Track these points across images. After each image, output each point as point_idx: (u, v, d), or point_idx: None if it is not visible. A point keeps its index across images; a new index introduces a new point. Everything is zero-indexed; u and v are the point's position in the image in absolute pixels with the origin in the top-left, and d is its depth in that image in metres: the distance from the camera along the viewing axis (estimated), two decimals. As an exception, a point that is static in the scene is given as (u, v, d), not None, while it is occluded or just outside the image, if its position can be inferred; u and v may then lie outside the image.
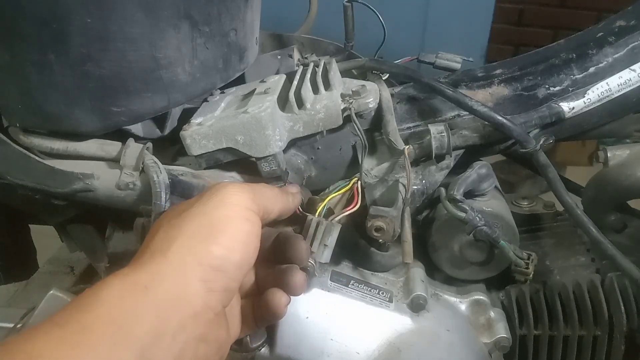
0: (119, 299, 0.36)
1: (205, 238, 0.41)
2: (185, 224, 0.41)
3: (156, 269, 0.39)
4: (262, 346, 0.55)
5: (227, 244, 0.41)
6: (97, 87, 0.51)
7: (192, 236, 0.40)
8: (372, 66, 0.66)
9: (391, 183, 0.58)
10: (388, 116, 0.60)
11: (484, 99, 0.63)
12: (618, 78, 0.60)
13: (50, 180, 0.55)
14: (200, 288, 0.39)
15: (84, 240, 0.71)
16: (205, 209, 0.42)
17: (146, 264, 0.39)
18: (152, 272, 0.38)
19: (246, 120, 0.52)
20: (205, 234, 0.41)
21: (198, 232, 0.41)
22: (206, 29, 0.54)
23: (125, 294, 0.36)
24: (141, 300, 0.37)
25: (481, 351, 0.60)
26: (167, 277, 0.38)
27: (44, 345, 0.33)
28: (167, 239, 0.41)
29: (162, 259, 0.39)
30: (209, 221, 0.42)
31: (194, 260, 0.40)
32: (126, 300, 0.36)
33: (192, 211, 0.42)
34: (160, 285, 0.38)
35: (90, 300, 0.36)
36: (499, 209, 0.59)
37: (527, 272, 0.58)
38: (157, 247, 0.40)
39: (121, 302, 0.36)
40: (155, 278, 0.38)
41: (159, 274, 0.38)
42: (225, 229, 0.41)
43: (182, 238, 0.40)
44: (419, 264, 0.62)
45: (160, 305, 0.37)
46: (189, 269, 0.39)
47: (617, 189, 0.65)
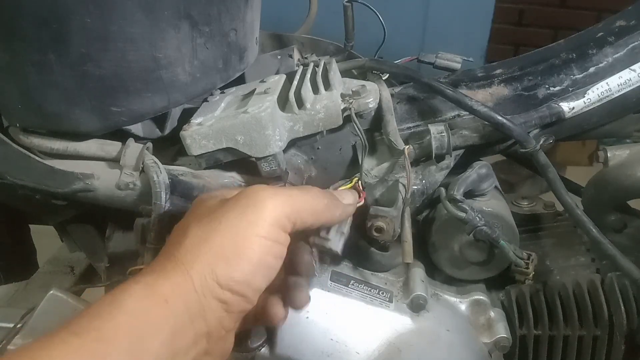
0: (139, 310, 0.35)
1: (230, 261, 0.39)
2: (212, 238, 0.39)
3: (179, 282, 0.38)
4: (262, 346, 0.55)
5: (249, 270, 0.39)
6: (97, 87, 0.51)
7: (217, 256, 0.39)
8: (372, 66, 0.66)
9: (391, 183, 0.58)
10: (388, 116, 0.60)
11: (484, 99, 0.63)
12: (618, 78, 0.60)
13: (50, 180, 0.55)
14: (218, 309, 0.39)
15: (84, 240, 0.71)
16: (235, 225, 0.40)
17: (170, 276, 0.38)
18: (175, 284, 0.38)
19: (246, 120, 0.52)
20: (231, 256, 0.39)
21: (223, 253, 0.39)
22: (206, 29, 0.54)
23: (146, 304, 0.36)
24: (161, 313, 0.36)
25: (481, 351, 0.60)
26: (188, 294, 0.38)
27: (60, 355, 0.32)
28: (194, 251, 0.39)
29: (185, 274, 0.38)
30: (236, 242, 0.39)
31: (216, 283, 0.38)
32: (147, 312, 0.36)
33: (223, 224, 0.40)
34: (181, 301, 0.37)
35: (110, 308, 0.35)
36: (499, 209, 0.59)
37: (527, 272, 0.58)
38: (182, 259, 0.39)
39: (141, 313, 0.35)
40: (177, 292, 0.37)
41: (181, 288, 0.37)
42: (251, 254, 0.39)
43: (208, 256, 0.39)
44: (419, 264, 0.62)
45: (178, 320, 0.37)
46: (210, 289, 0.38)
47: (617, 189, 0.65)
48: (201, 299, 0.38)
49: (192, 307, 0.38)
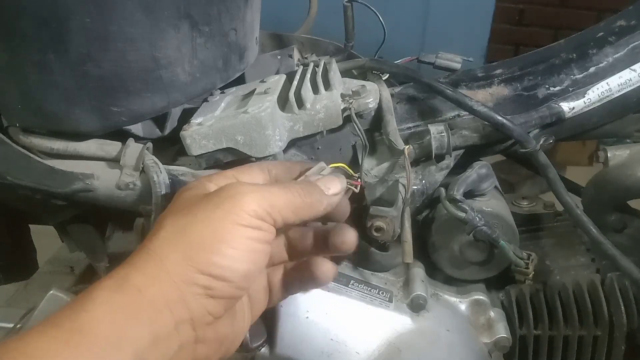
0: (114, 300, 0.36)
1: (209, 247, 0.39)
2: (189, 229, 0.40)
3: (151, 272, 0.38)
4: (262, 346, 0.55)
5: (231, 254, 0.39)
6: (97, 87, 0.51)
7: (194, 244, 0.39)
8: (372, 66, 0.66)
9: (391, 183, 0.58)
10: (388, 116, 0.60)
11: (484, 99, 0.63)
12: (618, 78, 0.60)
13: (50, 180, 0.55)
14: (200, 293, 0.38)
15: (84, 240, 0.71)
16: (212, 215, 0.40)
17: (142, 267, 0.38)
18: (147, 275, 0.38)
19: (246, 120, 0.52)
20: (209, 242, 0.39)
21: (201, 241, 0.39)
22: (206, 29, 0.54)
23: (120, 295, 0.36)
24: (135, 301, 0.36)
25: (481, 351, 0.60)
26: (163, 281, 0.38)
27: (39, 345, 0.33)
28: (169, 243, 0.39)
29: (159, 264, 0.38)
30: (214, 229, 0.40)
31: (194, 268, 0.38)
32: (121, 302, 0.36)
33: (199, 216, 0.40)
34: (155, 289, 0.37)
35: (85, 301, 0.36)
36: (499, 209, 0.59)
37: (527, 272, 0.58)
38: (157, 250, 0.39)
39: (116, 303, 0.36)
40: (150, 281, 0.37)
41: (154, 277, 0.38)
42: (231, 239, 0.40)
43: (184, 244, 0.39)
44: (419, 264, 0.62)
45: (154, 307, 0.37)
46: (189, 276, 0.38)
47: (617, 189, 0.65)
48: (179, 286, 0.38)
49: (169, 294, 0.37)
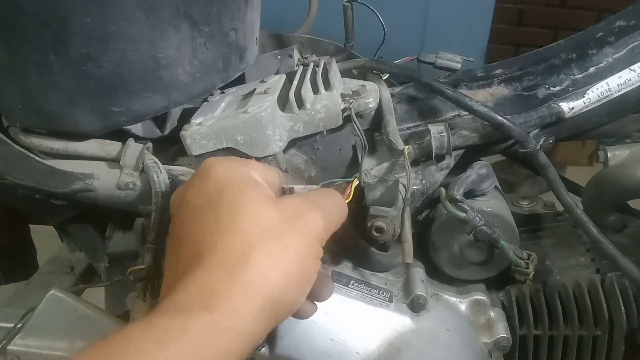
0: (206, 339, 0.33)
1: (294, 280, 0.38)
2: (282, 260, 0.38)
3: (247, 306, 0.36)
4: (262, 346, 0.55)
5: (304, 285, 0.39)
6: (97, 87, 0.51)
7: (284, 276, 0.37)
8: (372, 66, 0.66)
9: (391, 183, 0.58)
10: (388, 116, 0.60)
11: (484, 99, 0.63)
12: (618, 78, 0.60)
13: (50, 180, 0.55)
14: (274, 324, 0.38)
15: (84, 240, 0.71)
16: (298, 246, 0.38)
17: (236, 298, 0.35)
18: (241, 310, 0.35)
19: (246, 120, 0.52)
20: (294, 276, 0.38)
21: (289, 273, 0.37)
22: (206, 29, 0.54)
23: (212, 334, 0.34)
24: (230, 336, 0.34)
25: (481, 351, 0.60)
26: (255, 319, 0.36)
27: None
28: (267, 276, 0.37)
29: (255, 298, 0.36)
30: (299, 261, 0.38)
31: (280, 301, 0.37)
32: (214, 341, 0.34)
33: (287, 244, 0.38)
34: (245, 326, 0.35)
35: (174, 337, 0.33)
36: (499, 209, 0.59)
37: (527, 272, 0.58)
38: (254, 280, 0.36)
39: (209, 343, 0.33)
40: (244, 319, 0.35)
41: (250, 316, 0.36)
42: (307, 271, 0.39)
43: (278, 277, 0.37)
44: (419, 264, 0.62)
45: (242, 344, 0.35)
46: (276, 310, 0.37)
47: (617, 189, 0.65)
48: (266, 320, 0.36)
49: (256, 330, 0.36)
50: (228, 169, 0.42)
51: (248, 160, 0.45)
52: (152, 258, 0.54)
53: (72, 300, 0.60)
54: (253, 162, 0.45)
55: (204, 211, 0.39)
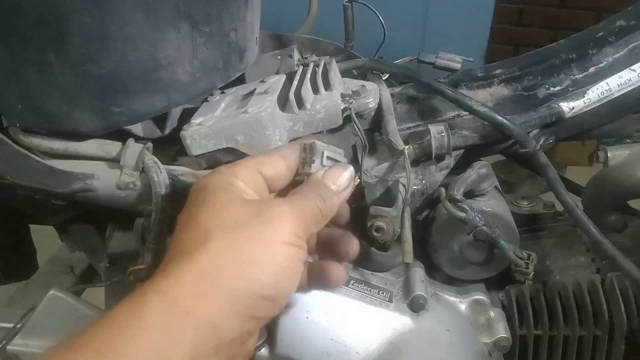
0: (161, 324, 0.35)
1: (260, 267, 0.39)
2: (242, 246, 0.39)
3: (203, 291, 0.37)
4: (262, 346, 0.55)
5: (280, 274, 0.39)
6: (97, 87, 0.51)
7: (248, 263, 0.38)
8: (372, 66, 0.66)
9: (391, 183, 0.58)
10: (388, 116, 0.60)
11: (484, 99, 0.63)
12: (618, 78, 0.60)
13: (50, 180, 0.55)
14: (245, 315, 0.38)
15: (84, 240, 0.71)
16: (263, 234, 0.39)
17: (191, 285, 0.37)
18: (198, 294, 0.36)
19: (246, 120, 0.53)
20: (260, 262, 0.39)
21: (254, 260, 0.39)
22: (206, 29, 0.54)
23: (168, 318, 0.35)
24: (182, 323, 0.35)
25: (481, 351, 0.60)
26: (212, 302, 0.37)
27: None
28: (222, 260, 0.38)
29: (211, 282, 0.37)
30: (266, 249, 0.39)
31: (246, 289, 0.38)
32: (168, 326, 0.35)
33: (250, 232, 0.39)
34: (205, 311, 0.36)
35: (131, 322, 0.34)
36: (499, 209, 0.59)
37: (527, 272, 0.58)
38: (208, 267, 0.38)
39: (163, 327, 0.35)
40: (199, 302, 0.36)
41: (204, 297, 0.37)
42: (282, 259, 0.40)
43: (237, 264, 0.38)
44: (419, 264, 0.62)
45: (200, 329, 0.36)
46: (239, 296, 0.38)
47: (617, 189, 0.65)
48: (227, 307, 0.37)
49: (216, 316, 0.37)
50: (210, 178, 0.44)
51: (235, 166, 0.45)
52: (152, 258, 0.54)
53: (72, 300, 0.61)
54: (241, 166, 0.45)
55: (182, 216, 0.42)
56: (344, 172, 0.47)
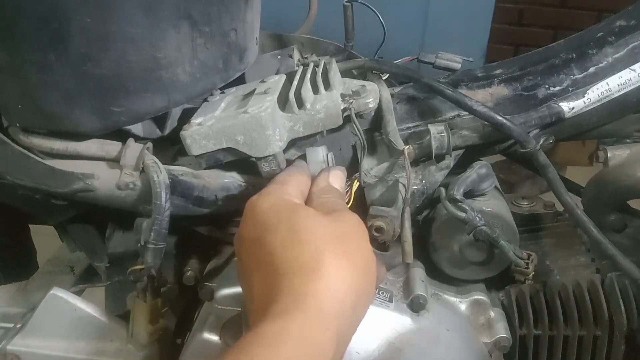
0: (307, 337, 0.37)
1: (372, 278, 0.44)
2: (354, 259, 0.43)
3: (338, 309, 0.40)
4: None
5: (368, 283, 0.44)
6: (97, 87, 0.51)
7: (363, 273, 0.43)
8: (372, 66, 0.66)
9: (391, 183, 0.58)
10: (388, 116, 0.60)
11: (484, 99, 0.63)
12: (618, 78, 0.60)
13: (50, 180, 0.55)
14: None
15: (84, 240, 0.71)
16: (361, 243, 0.45)
17: (326, 302, 0.39)
18: (334, 313, 0.39)
19: (246, 120, 0.52)
20: (370, 270, 0.44)
21: (368, 271, 0.44)
22: (206, 29, 0.54)
23: (312, 333, 0.38)
24: (327, 337, 0.38)
25: (481, 351, 0.60)
26: (344, 321, 0.40)
27: None
28: (344, 276, 0.41)
29: (341, 300, 0.40)
30: (368, 257, 0.45)
31: (367, 301, 0.43)
32: (313, 339, 0.38)
33: (356, 244, 0.44)
34: (340, 327, 0.40)
35: (279, 338, 0.36)
36: (499, 209, 0.59)
37: (527, 272, 0.58)
38: (334, 283, 0.40)
39: (309, 340, 0.37)
40: (338, 320, 0.39)
41: (340, 317, 0.40)
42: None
43: (356, 276, 0.42)
44: (419, 264, 0.62)
45: (338, 345, 0.39)
46: (361, 313, 0.43)
47: (617, 189, 0.65)
48: (354, 322, 0.42)
49: (347, 332, 0.42)
50: (270, 201, 0.46)
51: (280, 187, 0.49)
52: (152, 258, 0.54)
53: (72, 300, 0.60)
54: (284, 186, 0.49)
55: (266, 239, 0.43)
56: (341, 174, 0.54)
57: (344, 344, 0.40)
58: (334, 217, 0.45)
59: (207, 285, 0.60)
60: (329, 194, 0.50)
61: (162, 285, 0.59)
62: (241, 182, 0.58)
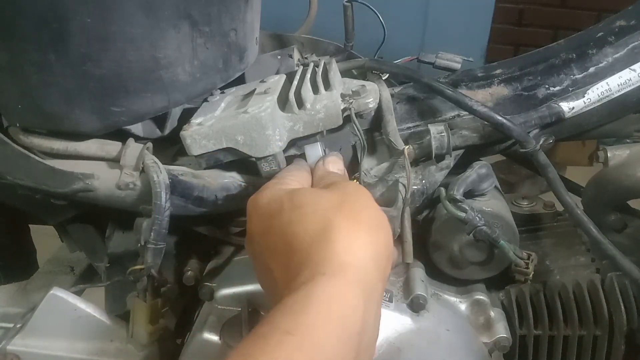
0: (336, 295, 0.37)
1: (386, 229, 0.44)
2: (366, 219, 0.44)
3: (362, 263, 0.40)
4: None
5: (388, 239, 0.45)
6: (97, 87, 0.51)
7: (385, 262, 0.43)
8: (372, 66, 0.66)
9: (391, 183, 0.58)
10: (388, 116, 0.60)
11: (484, 99, 0.63)
12: (618, 78, 0.60)
13: (50, 180, 0.55)
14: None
15: (84, 240, 0.71)
16: (368, 203, 0.45)
17: (350, 256, 0.40)
18: (359, 267, 0.40)
19: (246, 120, 0.52)
20: (384, 225, 0.45)
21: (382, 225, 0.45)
22: (206, 29, 0.54)
23: (341, 289, 0.38)
24: (356, 292, 0.38)
25: (481, 351, 0.60)
26: (372, 273, 0.41)
27: (282, 355, 0.33)
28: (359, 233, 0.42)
29: (365, 253, 0.41)
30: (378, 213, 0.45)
31: (386, 251, 0.43)
32: (342, 295, 0.38)
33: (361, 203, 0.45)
34: (368, 279, 0.40)
35: (308, 301, 0.36)
36: (499, 209, 0.59)
37: (527, 272, 0.58)
38: (347, 244, 0.41)
39: (338, 297, 0.38)
40: (363, 274, 0.40)
41: (368, 269, 0.40)
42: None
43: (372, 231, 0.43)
44: (419, 264, 0.62)
45: (368, 296, 0.39)
46: (387, 267, 0.43)
47: (617, 189, 0.65)
48: (382, 273, 0.42)
49: (376, 282, 0.41)
50: (270, 194, 0.47)
51: (278, 181, 0.50)
52: (152, 258, 0.54)
53: (72, 300, 0.60)
54: (281, 179, 0.50)
55: (273, 225, 0.44)
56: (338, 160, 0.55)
57: (373, 299, 0.40)
58: (333, 187, 0.47)
59: (207, 285, 0.60)
60: (327, 177, 0.52)
61: (162, 285, 0.59)
62: (241, 182, 0.58)
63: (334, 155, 0.55)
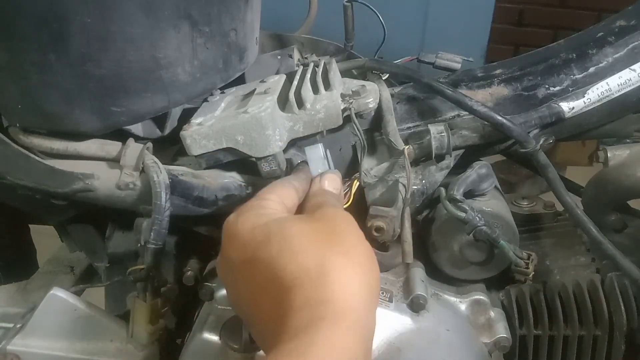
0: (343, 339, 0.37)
1: (359, 274, 0.42)
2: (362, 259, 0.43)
3: (361, 305, 0.40)
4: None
5: (375, 272, 0.44)
6: (97, 87, 0.51)
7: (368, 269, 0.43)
8: (372, 66, 0.66)
9: (391, 183, 0.58)
10: (388, 116, 0.60)
11: (484, 99, 0.63)
12: (618, 78, 0.60)
13: (50, 180, 0.55)
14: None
15: (84, 240, 0.71)
16: (357, 244, 0.44)
17: (349, 299, 0.39)
18: (357, 309, 0.39)
19: (246, 120, 0.53)
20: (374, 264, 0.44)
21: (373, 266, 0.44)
22: (206, 29, 0.54)
23: (349, 335, 0.37)
24: (363, 338, 0.38)
25: (481, 351, 0.60)
26: (369, 314, 0.41)
27: None
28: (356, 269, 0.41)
29: (365, 291, 0.41)
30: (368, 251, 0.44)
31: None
32: (350, 341, 0.37)
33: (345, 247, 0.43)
34: (368, 323, 0.40)
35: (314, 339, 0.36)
36: (499, 209, 0.59)
37: (527, 272, 0.58)
38: (346, 285, 0.40)
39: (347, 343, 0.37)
40: (363, 317, 0.39)
41: (365, 311, 0.40)
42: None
43: (368, 270, 0.42)
44: (419, 264, 0.62)
45: (367, 342, 0.39)
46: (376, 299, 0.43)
47: (617, 189, 0.65)
48: (364, 314, 0.40)
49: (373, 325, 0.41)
50: (252, 219, 0.44)
51: (259, 202, 0.46)
52: (152, 258, 0.54)
53: (72, 300, 0.60)
54: (262, 201, 0.46)
55: (261, 257, 0.41)
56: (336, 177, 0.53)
57: (370, 341, 0.40)
58: (322, 217, 0.44)
59: (207, 285, 0.60)
60: (320, 197, 0.49)
61: (162, 285, 0.59)
62: (241, 182, 0.58)
63: (332, 174, 0.53)
